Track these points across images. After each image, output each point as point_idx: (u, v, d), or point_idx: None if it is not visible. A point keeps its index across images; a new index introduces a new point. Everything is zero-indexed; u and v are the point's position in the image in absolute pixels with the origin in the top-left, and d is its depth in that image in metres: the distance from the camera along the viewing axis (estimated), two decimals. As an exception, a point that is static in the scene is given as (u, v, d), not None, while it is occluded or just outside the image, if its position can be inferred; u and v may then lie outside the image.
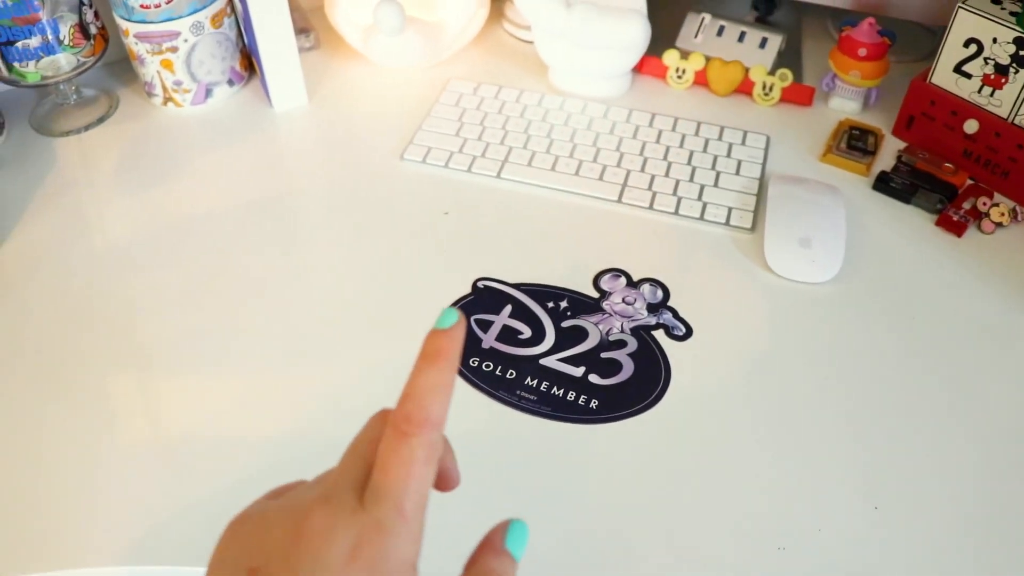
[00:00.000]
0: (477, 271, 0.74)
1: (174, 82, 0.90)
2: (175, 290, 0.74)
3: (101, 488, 0.61)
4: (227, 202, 0.82)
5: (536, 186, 0.81)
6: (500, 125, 0.87)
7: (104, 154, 0.89)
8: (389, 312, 0.72)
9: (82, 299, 0.74)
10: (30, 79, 0.87)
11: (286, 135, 0.90)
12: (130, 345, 0.70)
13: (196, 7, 0.86)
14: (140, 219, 0.81)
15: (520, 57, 0.98)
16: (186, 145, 0.89)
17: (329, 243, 0.78)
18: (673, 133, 0.86)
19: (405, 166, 0.84)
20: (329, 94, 0.94)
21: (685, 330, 0.70)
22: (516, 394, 0.65)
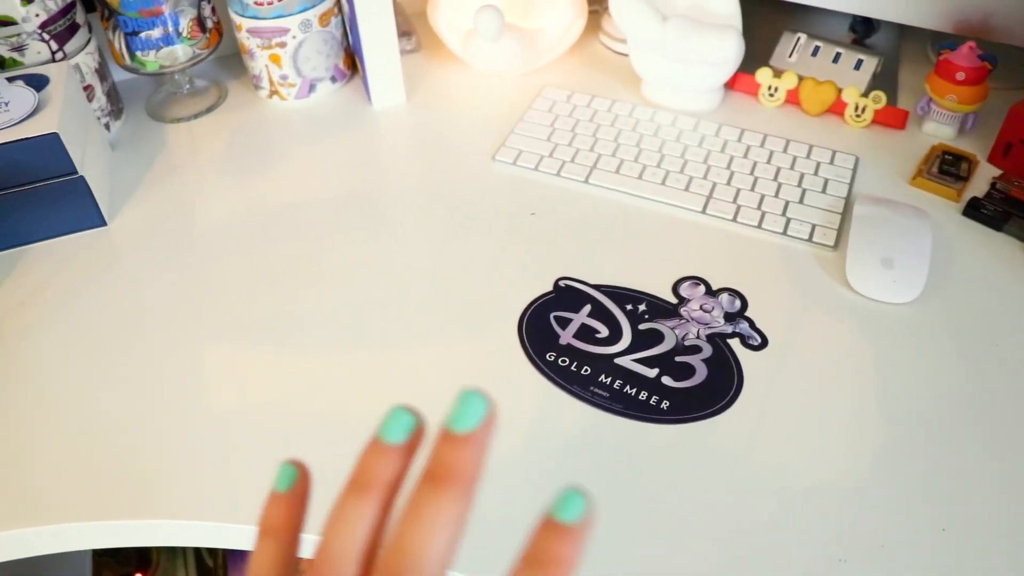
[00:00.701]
0: (559, 270, 0.76)
1: (280, 76, 0.95)
2: (269, 272, 0.78)
3: (191, 446, 0.65)
4: (323, 193, 0.86)
5: (622, 193, 0.83)
6: (591, 133, 0.89)
7: (211, 141, 0.94)
8: (473, 305, 0.74)
9: (184, 274, 0.79)
10: (149, 68, 0.93)
11: (383, 132, 0.93)
12: (224, 320, 0.74)
13: (306, 6, 0.91)
14: (241, 203, 0.86)
15: (614, 69, 1.00)
16: (288, 137, 0.93)
17: (419, 237, 0.81)
18: (761, 149, 0.87)
19: (496, 167, 0.87)
20: (427, 95, 0.97)
21: (760, 340, 0.71)
22: (589, 390, 0.67)
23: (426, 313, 0.74)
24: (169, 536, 0.62)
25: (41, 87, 0.83)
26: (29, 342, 0.74)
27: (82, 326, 0.75)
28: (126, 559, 1.24)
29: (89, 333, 0.74)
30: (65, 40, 0.88)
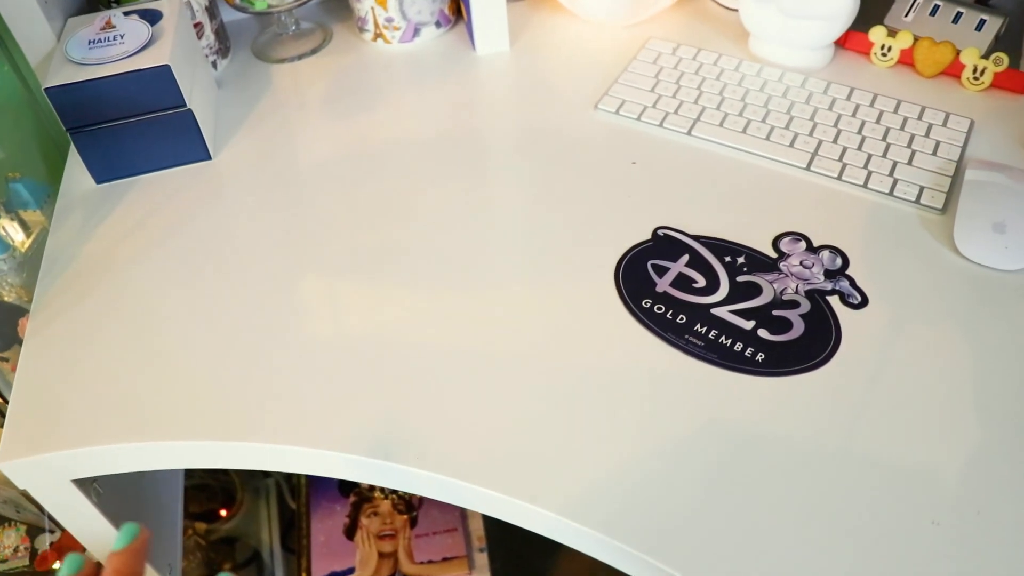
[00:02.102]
0: (658, 220, 0.75)
1: (386, 19, 0.95)
2: (369, 211, 0.79)
3: (288, 374, 0.66)
4: (424, 134, 0.86)
5: (725, 146, 0.82)
6: (695, 85, 0.88)
7: (314, 82, 0.95)
8: (571, 250, 0.74)
9: (285, 209, 0.80)
10: (258, 7, 0.94)
11: (486, 78, 0.93)
12: (323, 255, 0.76)
13: (415, -51, 0.91)
14: (342, 143, 0.86)
15: (721, 23, 0.98)
16: (390, 79, 0.94)
17: (519, 181, 0.81)
18: (871, 108, 0.85)
19: (598, 115, 0.86)
20: (530, 43, 0.97)
21: (861, 299, 0.69)
22: (684, 338, 0.66)
23: (523, 256, 0.74)
24: (262, 460, 0.64)
25: (155, 21, 0.85)
26: (136, 270, 0.76)
27: (187, 257, 0.77)
28: (212, 496, 1.28)
29: (193, 264, 0.76)
30: (178, -23, 0.90)
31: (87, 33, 0.84)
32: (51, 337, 0.72)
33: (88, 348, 0.70)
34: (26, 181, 0.99)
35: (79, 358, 0.70)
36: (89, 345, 0.71)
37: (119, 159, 0.85)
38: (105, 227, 0.82)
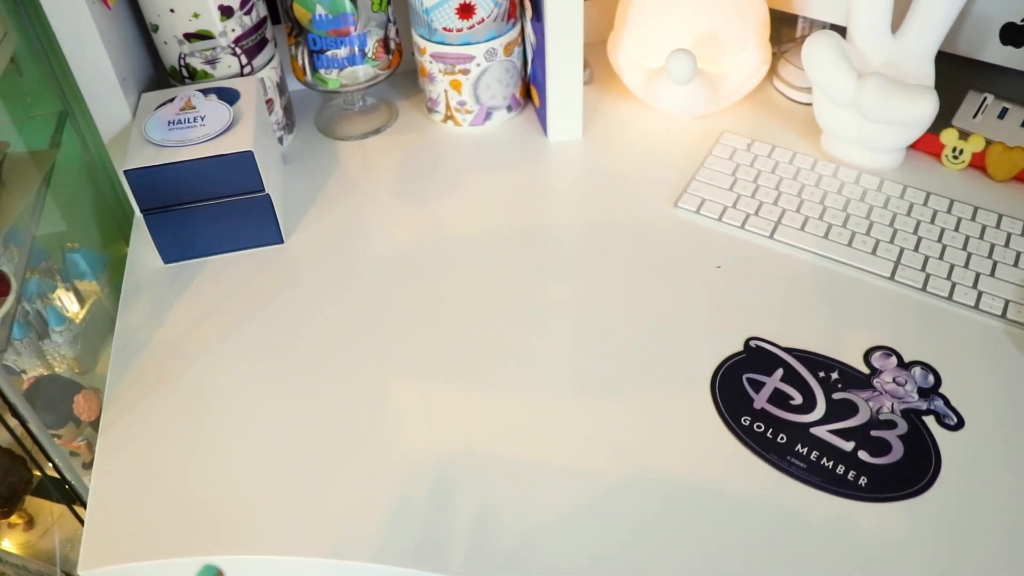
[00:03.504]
0: (749, 329, 0.75)
1: (458, 102, 0.95)
2: (441, 304, 0.78)
3: (356, 485, 0.65)
4: (499, 225, 0.86)
5: (808, 251, 0.81)
6: (773, 185, 0.88)
7: (383, 162, 0.94)
8: (661, 358, 0.73)
9: (357, 298, 0.80)
10: (330, 85, 0.93)
11: (558, 166, 0.93)
12: (396, 349, 0.75)
13: (493, 35, 0.90)
14: (414, 229, 0.86)
15: (790, 116, 0.98)
16: (462, 164, 0.93)
17: (602, 279, 0.80)
18: (948, 215, 0.85)
19: (678, 214, 0.86)
20: (602, 130, 0.96)
21: (957, 420, 0.69)
22: (787, 459, 0.66)
23: (613, 362, 0.73)
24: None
25: (233, 101, 0.84)
26: (210, 361, 0.75)
27: (261, 349, 0.76)
28: None
29: (268, 358, 0.75)
30: (254, 55, 0.89)
31: (166, 113, 0.83)
32: (125, 434, 0.70)
33: (162, 449, 0.69)
34: (84, 251, 0.98)
35: (154, 460, 0.68)
36: (163, 445, 0.69)
37: (191, 241, 0.84)
38: (176, 311, 0.80)
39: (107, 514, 0.65)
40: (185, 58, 0.87)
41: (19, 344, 0.98)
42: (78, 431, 0.99)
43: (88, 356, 1.04)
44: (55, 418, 0.97)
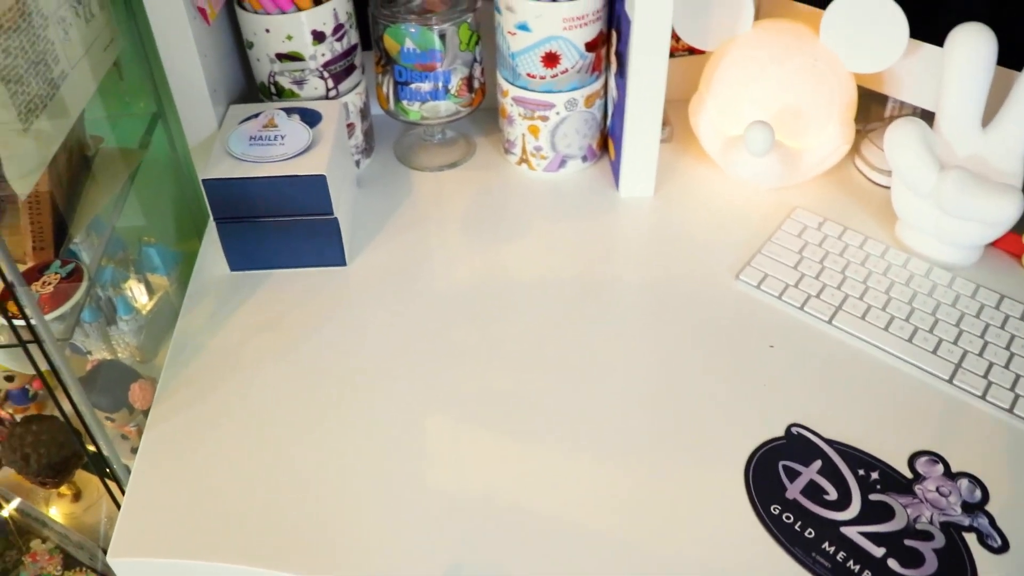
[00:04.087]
0: (793, 415, 0.74)
1: (535, 147, 0.95)
2: (495, 347, 0.79)
3: (390, 515, 0.65)
4: (559, 274, 0.86)
5: (866, 341, 0.80)
6: (839, 268, 0.86)
7: (455, 196, 0.95)
8: (699, 432, 0.72)
9: (412, 330, 0.81)
10: (411, 116, 0.95)
11: (625, 221, 0.93)
12: (444, 386, 0.76)
13: (575, 85, 0.91)
14: (476, 268, 0.87)
15: (867, 198, 0.96)
16: (531, 208, 0.94)
17: (653, 343, 0.79)
18: (1021, 322, 0.82)
19: (738, 286, 0.85)
20: (673, 190, 0.96)
21: (1000, 543, 0.66)
22: (811, 556, 0.64)
23: (650, 426, 0.72)
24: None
25: (314, 123, 0.86)
26: (261, 374, 0.77)
27: (312, 369, 0.77)
28: None
29: (318, 378, 0.77)
30: (341, 80, 0.91)
31: (249, 128, 0.85)
32: (171, 432, 0.72)
33: (204, 452, 0.71)
34: (159, 247, 1.01)
35: (194, 462, 0.70)
36: (205, 449, 0.71)
37: (257, 253, 0.86)
38: (235, 320, 0.82)
39: (142, 507, 0.67)
40: (275, 76, 0.90)
41: (88, 327, 1.02)
42: (131, 417, 1.02)
43: (150, 347, 1.07)
44: (111, 402, 1.00)
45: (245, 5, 0.87)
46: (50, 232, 0.81)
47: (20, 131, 0.68)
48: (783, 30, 0.92)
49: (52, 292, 0.78)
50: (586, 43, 0.88)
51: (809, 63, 0.89)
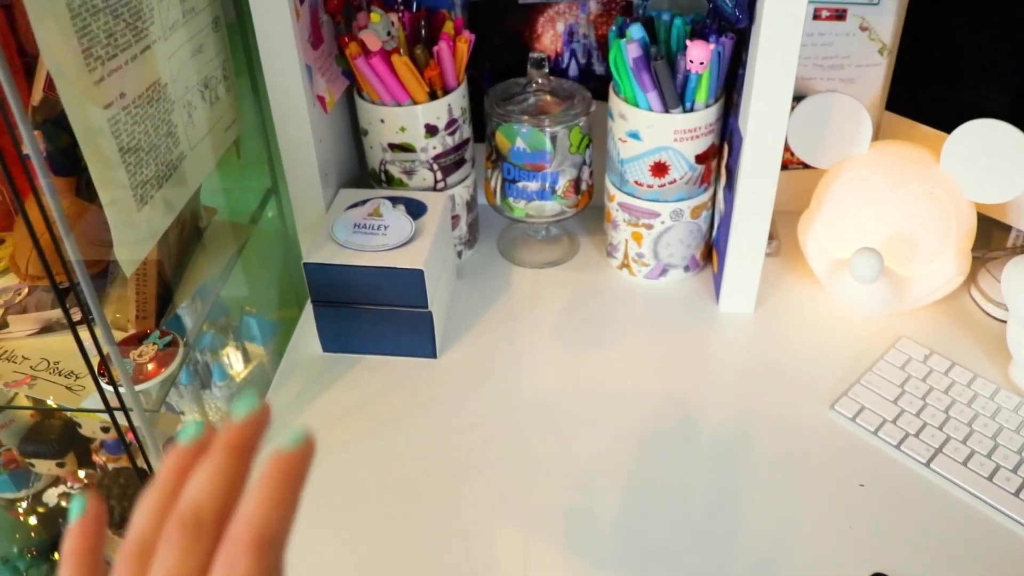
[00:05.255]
0: (877, 563, 0.70)
1: (637, 253, 0.95)
2: (578, 463, 0.78)
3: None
4: (646, 386, 0.85)
5: (967, 491, 0.76)
6: (943, 407, 0.82)
7: (552, 296, 0.95)
8: (772, 568, 0.69)
9: (495, 432, 0.81)
10: (516, 214, 0.95)
11: (722, 337, 0.91)
12: (525, 498, 0.74)
13: (683, 196, 0.90)
14: (566, 375, 0.86)
15: (981, 332, 0.92)
16: (628, 316, 0.93)
17: (737, 471, 0.77)
18: None
19: (832, 416, 0.82)
20: (774, 309, 0.94)
21: None
22: None
23: (724, 560, 0.70)
24: None
25: (418, 215, 0.87)
26: (347, 461, 0.78)
27: (396, 460, 0.78)
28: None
29: (401, 470, 0.77)
30: (450, 172, 0.93)
31: (355, 215, 0.87)
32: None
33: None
34: (259, 317, 1.04)
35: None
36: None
37: (351, 337, 0.87)
38: (323, 401, 0.83)
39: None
40: (385, 164, 0.92)
41: (183, 388, 1.05)
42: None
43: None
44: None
45: (363, 95, 0.90)
46: (153, 302, 0.83)
47: (133, 210, 0.71)
48: (901, 154, 0.90)
49: (147, 363, 0.81)
50: (696, 155, 0.88)
51: (926, 190, 0.86)
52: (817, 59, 0.95)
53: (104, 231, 0.69)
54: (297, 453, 0.33)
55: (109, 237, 0.70)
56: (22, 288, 0.89)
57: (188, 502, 0.32)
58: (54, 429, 1.07)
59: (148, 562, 0.32)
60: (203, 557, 0.32)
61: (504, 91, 0.93)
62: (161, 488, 0.34)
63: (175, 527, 0.32)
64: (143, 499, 0.34)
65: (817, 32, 0.93)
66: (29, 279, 0.84)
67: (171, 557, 0.32)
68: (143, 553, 0.33)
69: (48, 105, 0.79)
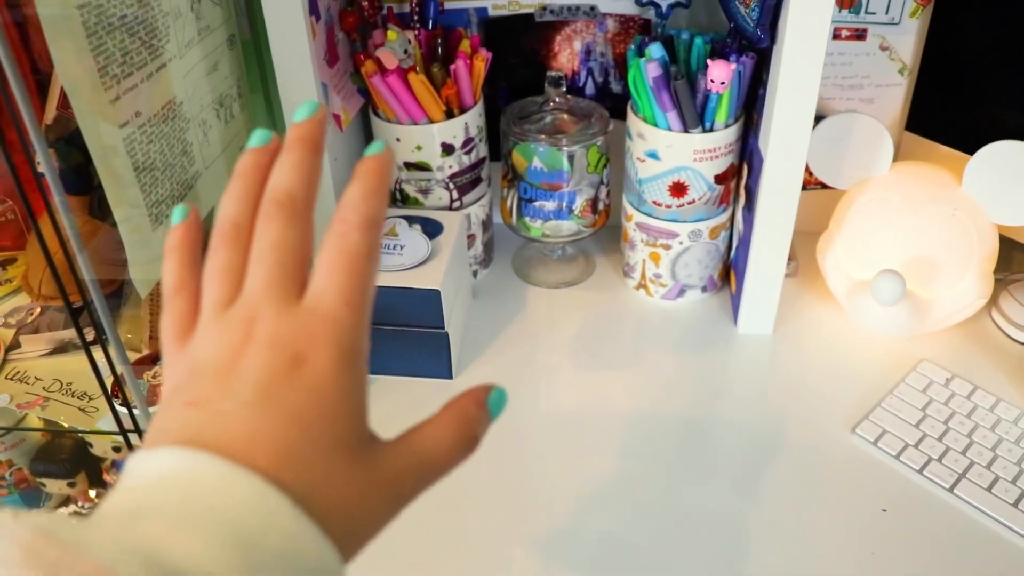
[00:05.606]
0: (903, 592, 0.69)
1: (654, 274, 0.94)
2: (592, 485, 0.77)
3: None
4: (663, 409, 0.84)
5: (991, 517, 0.74)
6: (966, 432, 0.81)
7: (568, 317, 0.94)
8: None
9: (508, 456, 0.79)
10: (532, 233, 0.95)
11: (740, 359, 0.90)
12: (538, 523, 0.73)
13: (701, 216, 0.89)
14: (582, 396, 0.85)
15: (1002, 355, 0.91)
16: (645, 336, 0.92)
17: (746, 492, 0.76)
18: None
19: (853, 440, 0.81)
20: (793, 330, 0.93)
21: None
22: None
23: (747, 593, 0.69)
24: None
25: (434, 235, 0.86)
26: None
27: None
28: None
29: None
30: (466, 191, 0.92)
31: (370, 235, 0.86)
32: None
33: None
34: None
35: None
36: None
37: (366, 357, 0.86)
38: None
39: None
40: (401, 183, 0.91)
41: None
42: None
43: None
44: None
45: (379, 113, 0.89)
46: (169, 323, 0.83)
47: (148, 230, 0.70)
48: (922, 175, 0.89)
49: (161, 384, 0.80)
50: (715, 175, 0.87)
51: (948, 211, 0.85)
52: (836, 79, 0.94)
53: (117, 250, 0.69)
54: (384, 155, 0.38)
55: (123, 256, 0.69)
56: (35, 308, 0.88)
57: (280, 186, 0.36)
58: (65, 449, 1.06)
59: (245, 240, 0.35)
60: (302, 232, 0.35)
61: (521, 110, 0.92)
62: (242, 181, 0.37)
63: (272, 205, 0.35)
64: (227, 193, 0.37)
65: (837, 52, 0.92)
66: (42, 299, 0.84)
67: (274, 230, 0.35)
68: (239, 234, 0.36)
69: (61, 123, 0.79)
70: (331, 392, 0.33)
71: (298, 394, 0.32)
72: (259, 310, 0.34)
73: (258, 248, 0.35)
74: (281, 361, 0.32)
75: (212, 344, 0.34)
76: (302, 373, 0.32)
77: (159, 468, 0.30)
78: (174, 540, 0.27)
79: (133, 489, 0.30)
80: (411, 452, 0.36)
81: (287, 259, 0.34)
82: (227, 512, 0.28)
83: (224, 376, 0.32)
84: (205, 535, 0.27)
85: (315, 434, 0.32)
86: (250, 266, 0.35)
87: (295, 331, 0.33)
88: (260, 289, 0.34)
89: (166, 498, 0.29)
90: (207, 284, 0.36)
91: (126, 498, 0.29)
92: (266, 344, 0.33)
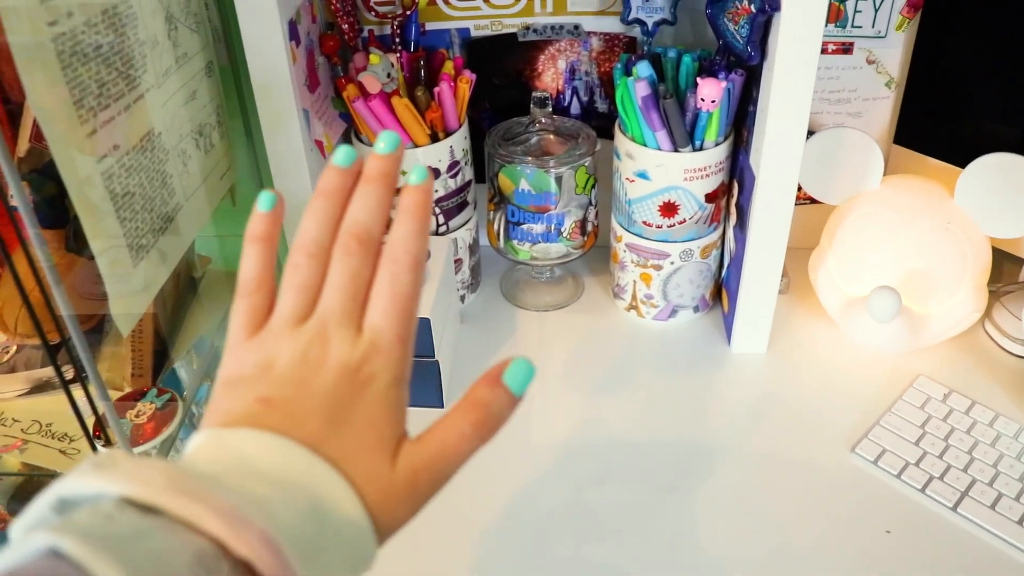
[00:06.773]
0: (912, 617, 0.67)
1: (645, 295, 0.92)
2: (590, 513, 0.75)
3: None
4: (658, 432, 0.82)
5: (996, 535, 0.73)
6: (967, 448, 0.80)
7: (559, 340, 0.93)
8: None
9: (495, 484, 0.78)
10: (520, 256, 0.93)
11: (735, 379, 0.88)
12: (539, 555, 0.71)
13: (692, 235, 0.88)
14: (577, 421, 0.84)
15: (998, 369, 0.90)
16: (637, 358, 0.91)
17: (745, 515, 0.74)
18: None
19: (854, 460, 0.80)
20: (787, 347, 0.92)
21: None
22: None
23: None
24: None
25: (422, 260, 0.84)
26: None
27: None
28: None
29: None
30: (452, 216, 0.91)
31: (356, 262, 0.84)
32: None
33: None
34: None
35: None
36: None
37: (354, 388, 0.84)
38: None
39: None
40: (386, 209, 0.89)
41: (181, 444, 1.01)
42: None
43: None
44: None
45: (362, 138, 0.88)
46: (150, 358, 0.80)
47: (128, 264, 0.68)
48: (914, 188, 0.88)
49: (144, 423, 0.78)
50: (706, 194, 0.85)
51: (941, 225, 0.85)
52: (824, 93, 0.94)
53: (95, 285, 0.66)
54: (427, 186, 0.42)
55: (101, 290, 0.67)
56: (10, 346, 0.86)
57: (359, 222, 0.40)
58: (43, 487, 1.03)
59: (323, 261, 0.40)
60: (371, 268, 0.40)
61: (506, 131, 0.90)
62: (326, 202, 0.41)
63: (352, 240, 0.40)
64: (310, 208, 0.41)
65: (824, 65, 0.91)
66: (18, 337, 0.81)
67: (351, 264, 0.40)
68: (320, 253, 0.40)
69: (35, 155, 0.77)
70: (384, 409, 0.39)
71: (359, 411, 0.38)
72: (331, 333, 0.39)
73: (336, 277, 0.40)
74: (349, 384, 0.38)
75: (288, 352, 0.39)
76: (363, 395, 0.38)
77: (241, 445, 0.35)
78: (273, 500, 0.32)
79: (217, 459, 0.35)
80: (424, 448, 0.40)
81: (359, 292, 0.40)
82: (305, 490, 0.34)
83: (299, 386, 0.38)
84: (296, 505, 0.33)
85: (369, 441, 0.37)
86: (326, 290, 0.40)
87: (361, 361, 0.38)
88: (334, 315, 0.39)
89: (258, 465, 0.34)
90: (286, 294, 0.40)
91: (219, 458, 0.35)
92: (337, 368, 0.38)
